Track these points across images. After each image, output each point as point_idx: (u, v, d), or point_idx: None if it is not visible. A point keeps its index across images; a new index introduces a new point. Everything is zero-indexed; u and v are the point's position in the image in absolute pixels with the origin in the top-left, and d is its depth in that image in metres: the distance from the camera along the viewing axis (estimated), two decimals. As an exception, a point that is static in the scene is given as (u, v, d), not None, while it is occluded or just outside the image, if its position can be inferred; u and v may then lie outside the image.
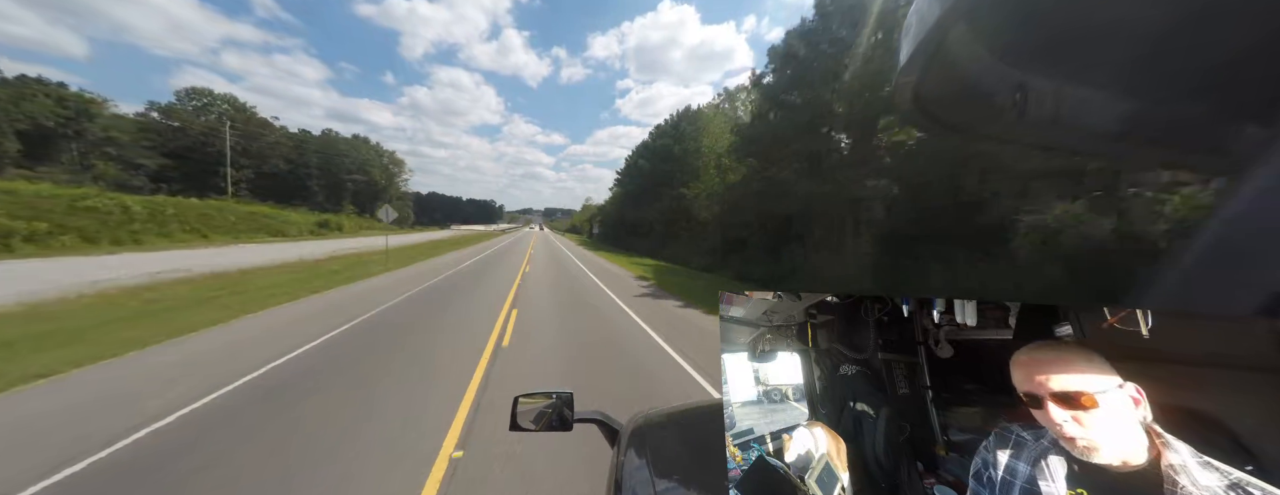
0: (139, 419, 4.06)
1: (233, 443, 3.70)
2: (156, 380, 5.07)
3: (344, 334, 7.45)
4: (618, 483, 0.92)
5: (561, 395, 1.39)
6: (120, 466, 3.35)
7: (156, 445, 3.66)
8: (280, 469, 3.32)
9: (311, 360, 5.98)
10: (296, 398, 4.66)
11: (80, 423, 3.99)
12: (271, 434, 3.86)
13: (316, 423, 4.09)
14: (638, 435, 1.10)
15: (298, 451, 3.57)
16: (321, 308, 9.68)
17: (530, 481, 3.24)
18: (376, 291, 12.09)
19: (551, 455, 3.53)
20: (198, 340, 6.86)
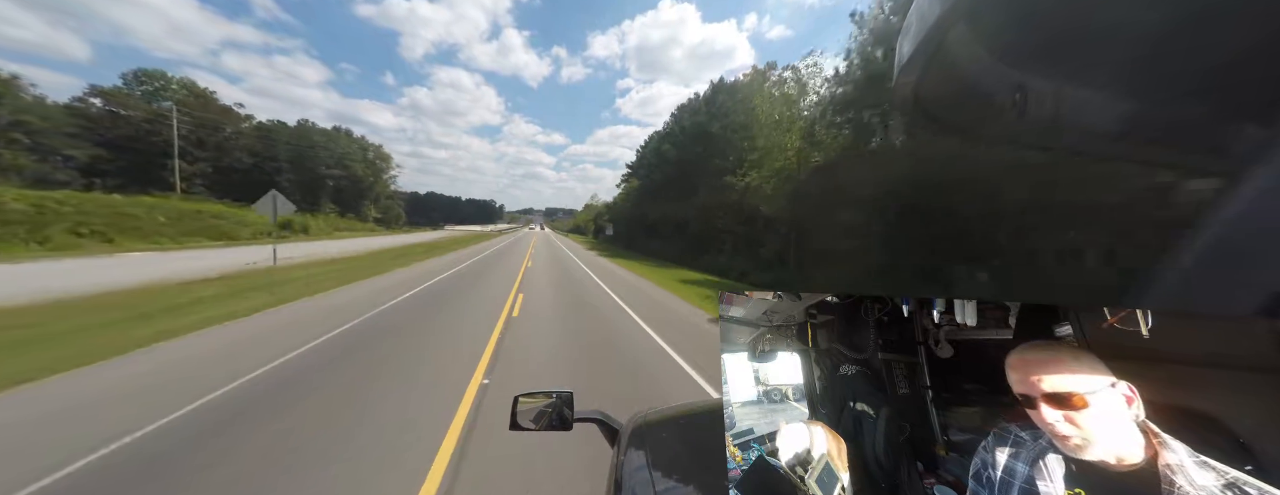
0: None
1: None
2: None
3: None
4: (618, 483, 0.92)
5: (561, 395, 1.39)
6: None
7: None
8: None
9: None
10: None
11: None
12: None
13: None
14: (638, 435, 1.10)
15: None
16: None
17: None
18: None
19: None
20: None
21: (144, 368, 5.59)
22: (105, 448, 3.59)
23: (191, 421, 4.12)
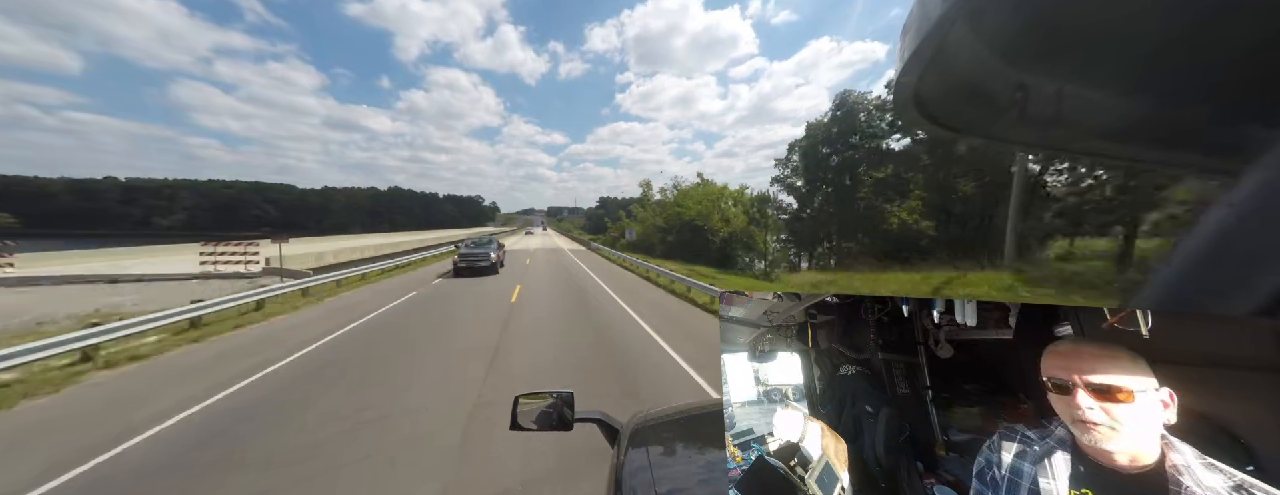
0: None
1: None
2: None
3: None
4: (618, 482, 0.92)
5: (562, 395, 1.38)
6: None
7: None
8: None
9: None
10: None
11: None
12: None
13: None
14: (638, 435, 1.10)
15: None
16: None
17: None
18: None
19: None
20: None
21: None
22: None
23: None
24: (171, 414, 4.55)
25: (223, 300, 8.91)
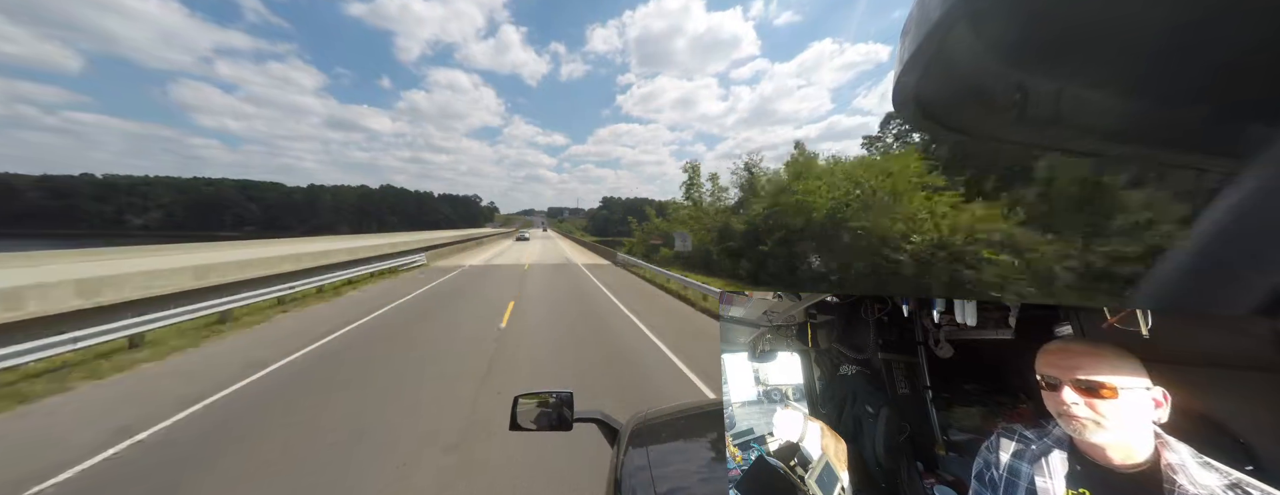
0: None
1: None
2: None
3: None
4: (618, 482, 0.92)
5: (561, 395, 1.38)
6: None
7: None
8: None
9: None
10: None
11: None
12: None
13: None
14: (638, 435, 1.10)
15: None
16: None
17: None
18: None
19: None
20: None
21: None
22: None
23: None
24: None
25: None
